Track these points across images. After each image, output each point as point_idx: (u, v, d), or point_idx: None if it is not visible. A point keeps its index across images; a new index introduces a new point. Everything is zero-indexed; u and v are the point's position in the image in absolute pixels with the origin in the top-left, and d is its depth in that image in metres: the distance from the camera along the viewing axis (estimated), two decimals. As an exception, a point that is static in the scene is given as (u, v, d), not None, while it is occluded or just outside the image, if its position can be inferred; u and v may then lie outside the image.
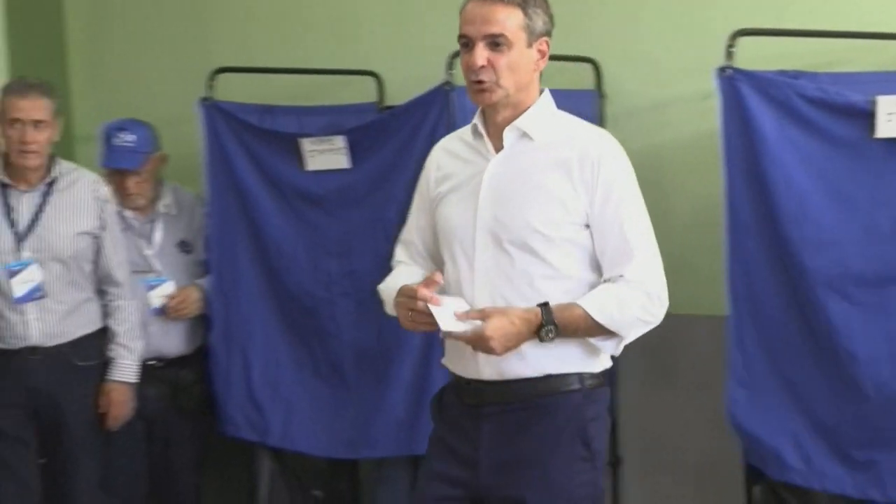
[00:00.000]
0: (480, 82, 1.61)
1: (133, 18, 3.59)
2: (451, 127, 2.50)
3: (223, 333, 2.81)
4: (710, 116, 2.40)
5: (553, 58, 2.75)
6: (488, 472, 1.68)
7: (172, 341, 2.74)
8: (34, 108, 2.46)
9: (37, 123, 2.43)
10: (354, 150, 2.68)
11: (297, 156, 2.69)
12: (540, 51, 1.65)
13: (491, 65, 1.60)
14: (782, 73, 2.27)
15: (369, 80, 3.00)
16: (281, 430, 2.79)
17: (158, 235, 2.73)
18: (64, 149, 2.95)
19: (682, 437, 2.74)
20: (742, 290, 2.24)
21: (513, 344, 1.58)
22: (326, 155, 2.70)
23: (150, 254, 2.71)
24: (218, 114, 2.78)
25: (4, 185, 2.48)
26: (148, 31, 3.52)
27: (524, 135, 1.68)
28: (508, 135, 1.68)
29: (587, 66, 2.79)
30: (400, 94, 2.84)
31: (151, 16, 3.52)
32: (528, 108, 1.68)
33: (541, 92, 1.72)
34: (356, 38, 3.23)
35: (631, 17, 2.87)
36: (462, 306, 1.62)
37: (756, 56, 2.31)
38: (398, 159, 2.65)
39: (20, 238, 2.46)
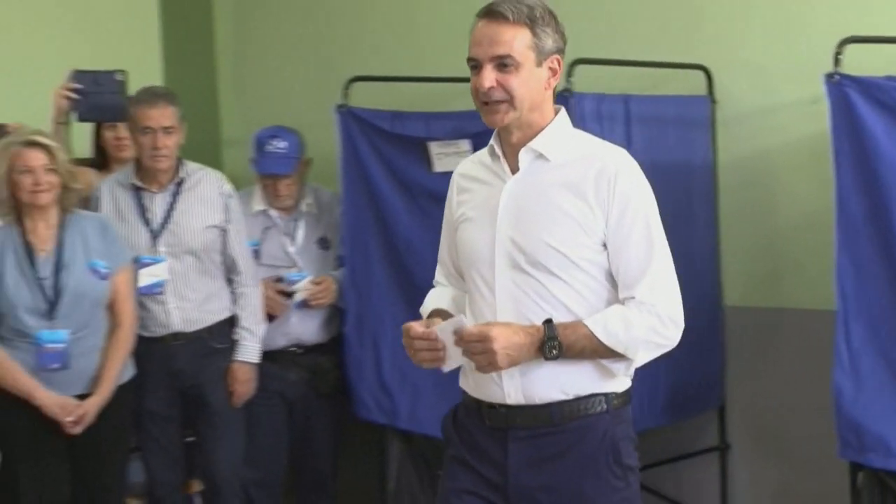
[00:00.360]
0: (490, 104, 1.59)
1: (274, 32, 3.87)
2: None
3: (356, 324, 3.03)
4: (817, 120, 2.48)
5: (667, 65, 2.93)
6: (519, 497, 1.66)
7: (311, 330, 2.94)
8: (163, 115, 2.66)
9: (166, 129, 2.63)
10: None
11: (425, 158, 2.89)
12: (551, 69, 1.62)
13: (500, 86, 1.58)
14: (890, 78, 2.32)
15: None
16: (408, 413, 2.99)
17: (301, 233, 2.94)
18: (212, 152, 3.28)
19: (788, 424, 2.81)
20: (850, 286, 2.30)
21: (515, 355, 1.54)
22: (452, 157, 2.87)
23: (292, 251, 2.93)
24: (352, 120, 3.00)
25: (138, 188, 2.70)
26: (288, 43, 3.78)
27: (540, 156, 1.66)
28: (524, 156, 1.66)
29: (699, 73, 2.90)
30: None
31: (291, 30, 3.79)
32: (543, 128, 1.65)
33: (557, 110, 1.69)
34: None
35: (741, 26, 2.97)
36: (459, 322, 1.57)
37: (863, 61, 2.35)
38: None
39: (155, 235, 2.70)
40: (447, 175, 2.96)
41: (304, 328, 2.95)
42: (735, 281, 3.04)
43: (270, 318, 2.85)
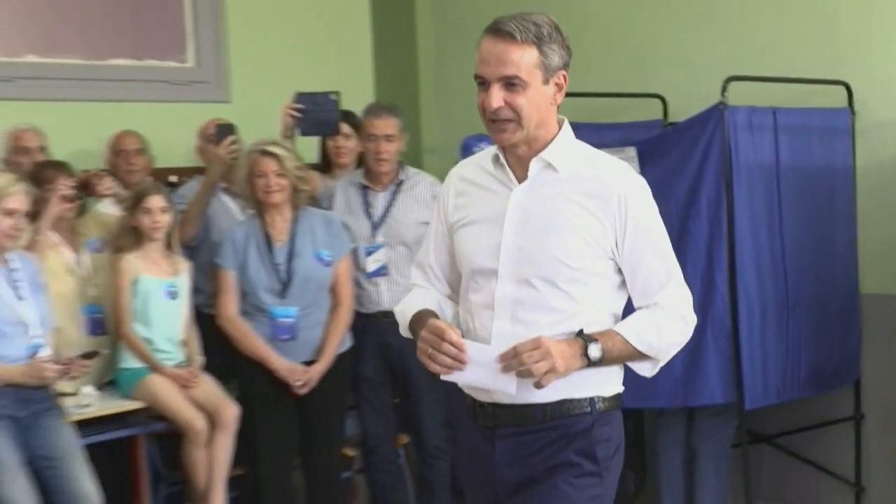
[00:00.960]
0: (499, 122, 1.58)
1: (470, 51, 4.33)
2: (725, 141, 3.03)
3: None
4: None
5: (811, 81, 3.30)
6: (504, 489, 1.70)
7: None
8: (386, 125, 3.06)
9: (388, 137, 3.03)
10: (643, 159, 3.22)
11: None
12: (557, 84, 1.61)
13: (508, 105, 1.56)
14: None
15: (656, 101, 3.60)
16: None
17: None
18: (414, 157, 3.73)
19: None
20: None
21: (568, 362, 1.54)
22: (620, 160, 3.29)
23: None
24: None
25: (364, 187, 3.12)
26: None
27: (549, 165, 1.65)
28: (534, 166, 1.65)
29: (840, 88, 3.23)
30: (682, 112, 3.36)
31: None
32: (550, 140, 1.64)
33: (560, 122, 1.68)
34: (644, 65, 3.83)
35: (879, 46, 3.30)
36: (488, 354, 1.56)
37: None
38: (678, 167, 3.17)
39: (375, 227, 3.11)
40: None
41: None
42: (871, 271, 3.36)
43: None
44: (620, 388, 1.72)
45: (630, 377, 3.14)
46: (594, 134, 3.40)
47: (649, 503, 3.78)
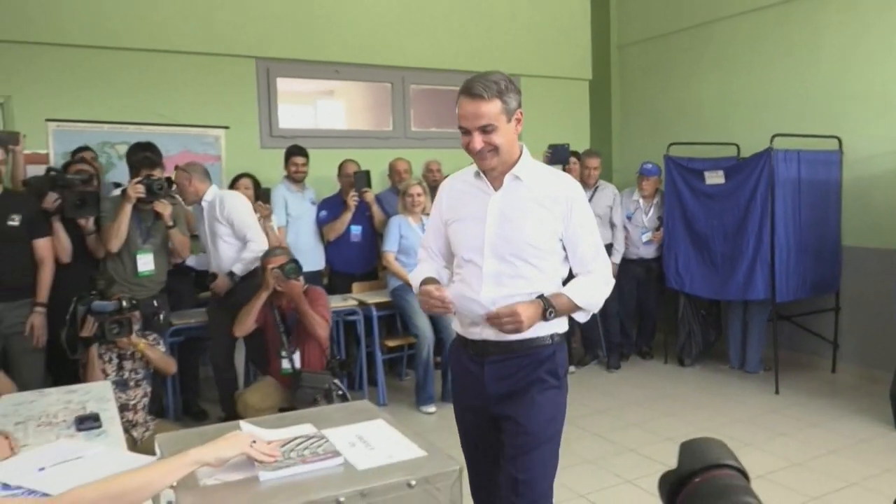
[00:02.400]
0: (482, 155, 1.86)
1: (638, 116, 6.69)
2: (771, 168, 4.78)
3: (668, 250, 5.47)
4: None
5: (818, 136, 5.07)
6: (493, 400, 1.97)
7: (649, 251, 5.72)
8: (593, 162, 5.40)
9: (595, 168, 5.44)
10: (727, 176, 5.15)
11: (702, 178, 5.35)
12: (517, 119, 1.88)
13: (486, 144, 1.84)
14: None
15: (733, 146, 5.64)
16: (689, 285, 5.44)
17: (652, 212, 5.70)
18: (606, 175, 6.06)
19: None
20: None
21: (532, 320, 1.87)
22: (715, 178, 5.26)
23: (645, 220, 5.72)
24: (672, 162, 5.46)
25: None
26: (642, 114, 6.65)
27: (517, 178, 1.93)
28: (507, 179, 1.92)
29: (834, 140, 5.06)
30: (748, 151, 5.33)
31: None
32: (516, 160, 1.92)
33: (521, 147, 1.95)
34: (727, 127, 5.86)
35: (860, 111, 4.94)
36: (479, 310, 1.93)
37: None
38: (745, 181, 5.00)
39: None
40: (713, 186, 5.28)
41: (646, 251, 5.65)
42: (848, 234, 5.16)
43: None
44: (566, 327, 2.04)
45: (712, 280, 5.30)
46: (703, 163, 5.40)
47: (722, 348, 5.68)
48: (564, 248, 2.00)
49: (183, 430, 2.02)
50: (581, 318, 2.03)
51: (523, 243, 1.92)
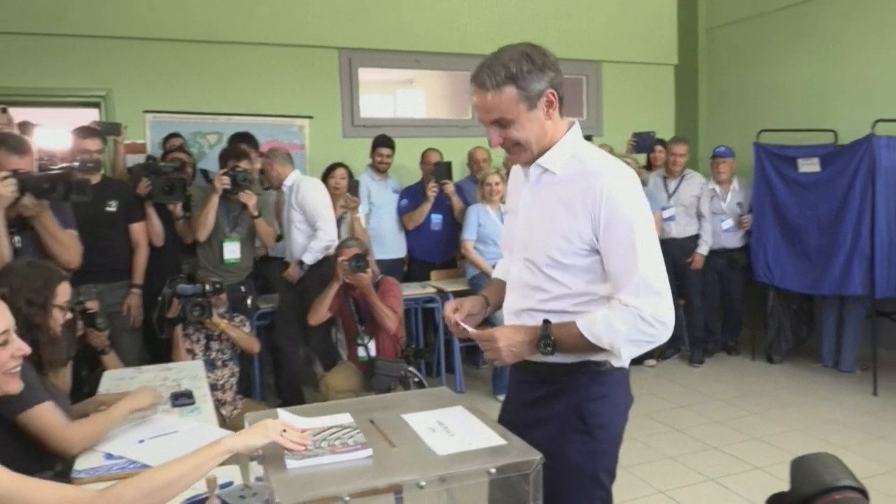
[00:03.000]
0: (507, 150, 1.59)
1: (724, 101, 6.50)
2: (872, 155, 4.54)
3: (756, 238, 5.29)
4: None
5: None
6: (514, 429, 1.52)
7: (734, 240, 5.56)
8: (680, 148, 5.30)
9: (681, 154, 5.29)
10: (823, 163, 4.95)
11: (795, 166, 5.15)
12: (547, 102, 1.53)
13: (505, 138, 1.56)
14: None
15: (830, 133, 5.36)
16: (780, 278, 5.25)
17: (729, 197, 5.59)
18: (692, 163, 5.92)
19: None
20: None
21: (517, 350, 1.56)
22: (809, 165, 5.05)
23: (723, 205, 5.54)
24: (763, 150, 5.26)
25: (665, 177, 5.44)
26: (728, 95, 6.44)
27: (546, 170, 1.59)
28: (533, 171, 1.61)
29: None
30: (846, 139, 5.07)
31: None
32: (551, 147, 1.57)
33: (571, 124, 1.60)
34: (826, 113, 5.57)
35: None
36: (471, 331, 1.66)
37: None
38: (843, 170, 4.80)
39: (670, 196, 5.40)
40: (806, 174, 5.04)
41: (729, 240, 5.50)
42: None
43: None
44: (615, 360, 1.61)
45: (804, 273, 5.07)
46: (795, 150, 5.18)
47: (814, 345, 5.44)
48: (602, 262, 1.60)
49: (269, 409, 2.09)
50: (613, 358, 1.61)
51: (539, 250, 1.61)
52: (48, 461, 2.07)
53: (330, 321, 4.22)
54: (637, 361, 5.36)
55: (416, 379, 3.80)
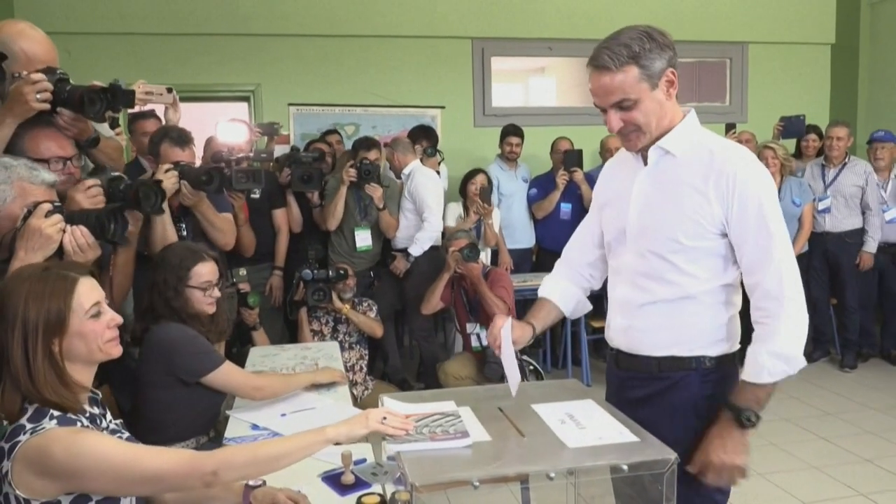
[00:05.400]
0: (624, 136, 1.54)
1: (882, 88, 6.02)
2: None
3: None
4: None
5: None
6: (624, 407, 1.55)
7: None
8: (839, 132, 4.83)
9: (839, 139, 4.79)
10: None
11: None
12: (667, 82, 1.51)
13: (626, 121, 1.51)
14: None
15: None
16: None
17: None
18: (852, 149, 5.44)
19: None
20: None
21: (737, 449, 1.45)
22: None
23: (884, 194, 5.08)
24: None
25: (823, 165, 4.93)
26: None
27: (667, 153, 1.56)
28: (652, 153, 1.57)
29: None
30: None
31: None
32: (670, 129, 1.54)
33: (686, 112, 1.58)
34: None
35: None
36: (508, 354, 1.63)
37: None
38: None
39: (826, 186, 4.93)
40: None
41: (893, 233, 5.04)
42: None
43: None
44: (730, 348, 1.59)
45: None
46: None
47: None
48: (731, 247, 1.55)
49: (404, 392, 2.16)
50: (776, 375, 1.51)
51: (664, 237, 1.55)
52: (204, 427, 2.27)
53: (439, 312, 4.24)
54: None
55: (532, 367, 3.80)
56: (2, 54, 1.83)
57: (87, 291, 1.43)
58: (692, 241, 1.53)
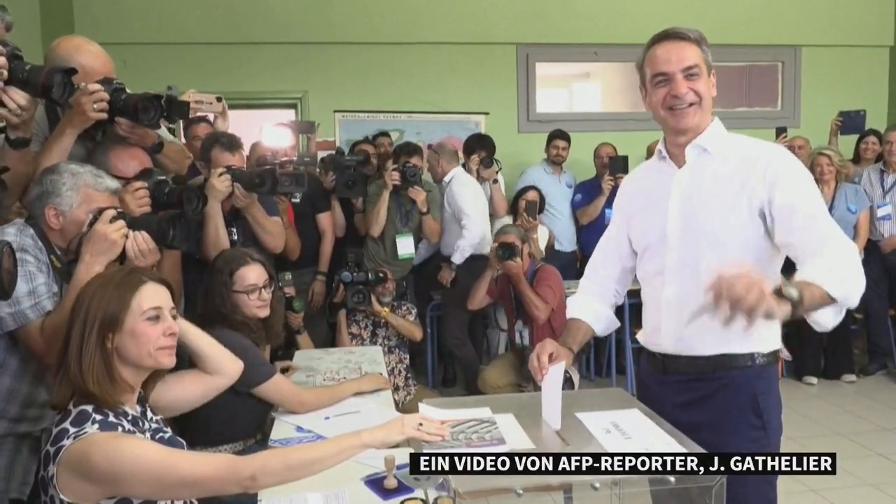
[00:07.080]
0: (682, 109, 1.59)
1: None
2: None
3: None
4: None
5: None
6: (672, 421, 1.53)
7: None
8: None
9: None
10: None
11: None
12: (713, 78, 1.64)
13: (691, 90, 1.59)
14: None
15: None
16: None
17: None
18: None
19: None
20: None
21: (758, 290, 1.22)
22: None
23: None
24: None
25: (881, 171, 4.74)
26: None
27: (704, 150, 1.64)
28: (691, 151, 1.64)
29: None
30: None
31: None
32: (705, 129, 1.63)
33: (713, 118, 1.66)
34: None
35: None
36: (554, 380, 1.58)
37: None
38: None
39: (885, 193, 4.69)
40: None
41: None
42: None
43: None
44: (778, 345, 1.62)
45: None
46: None
47: None
48: (772, 238, 1.55)
49: (441, 398, 2.16)
50: (828, 320, 1.42)
51: (710, 233, 1.60)
52: (252, 431, 2.30)
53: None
54: (834, 376, 4.91)
55: (567, 375, 3.76)
56: (72, 69, 1.89)
57: (150, 295, 1.47)
58: (734, 233, 1.57)
